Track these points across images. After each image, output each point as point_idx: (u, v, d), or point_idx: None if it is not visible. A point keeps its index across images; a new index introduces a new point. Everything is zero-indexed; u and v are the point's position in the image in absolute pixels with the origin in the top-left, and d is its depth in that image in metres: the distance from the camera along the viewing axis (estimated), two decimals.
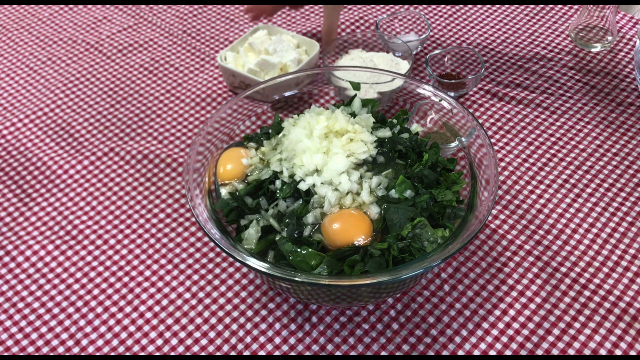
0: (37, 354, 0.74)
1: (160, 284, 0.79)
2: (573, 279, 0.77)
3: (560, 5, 1.14)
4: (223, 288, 0.79)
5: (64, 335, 0.75)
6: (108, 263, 0.81)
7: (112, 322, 0.76)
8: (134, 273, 0.80)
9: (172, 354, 0.73)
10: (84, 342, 0.75)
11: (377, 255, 0.67)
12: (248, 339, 0.74)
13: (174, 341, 0.74)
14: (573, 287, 0.77)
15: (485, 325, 0.74)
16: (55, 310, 0.77)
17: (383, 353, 0.72)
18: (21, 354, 0.74)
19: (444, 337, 0.73)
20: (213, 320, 0.76)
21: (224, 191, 0.75)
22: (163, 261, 0.81)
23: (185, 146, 0.94)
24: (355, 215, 0.69)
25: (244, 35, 1.04)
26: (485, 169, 0.73)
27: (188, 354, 0.73)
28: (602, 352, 0.71)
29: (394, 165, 0.72)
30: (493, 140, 0.93)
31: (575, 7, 1.13)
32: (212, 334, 0.75)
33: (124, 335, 0.75)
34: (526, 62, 1.04)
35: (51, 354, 0.74)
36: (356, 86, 0.82)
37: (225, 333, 0.75)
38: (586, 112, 0.95)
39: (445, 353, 0.72)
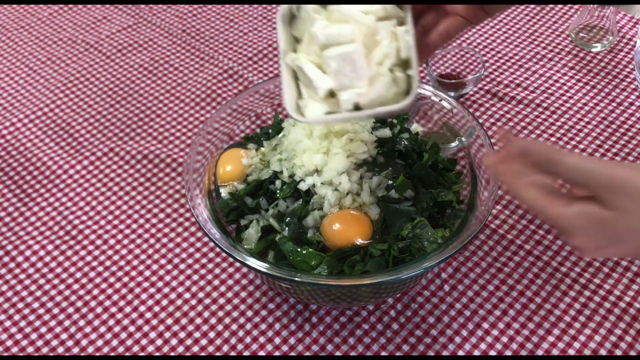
0: (36, 354, 0.74)
1: (160, 284, 0.79)
2: (573, 279, 0.77)
3: (560, 6, 1.14)
4: (223, 288, 0.78)
5: (64, 336, 0.75)
6: (108, 263, 0.81)
7: (111, 322, 0.76)
8: (133, 273, 0.80)
9: (172, 354, 0.73)
10: (84, 342, 0.75)
11: (377, 256, 0.67)
12: (248, 339, 0.74)
13: (174, 341, 0.74)
14: (573, 287, 0.77)
15: (485, 325, 0.74)
16: (55, 311, 0.77)
17: (383, 353, 0.72)
18: (21, 354, 0.74)
19: (444, 337, 0.73)
20: (213, 321, 0.76)
21: (224, 191, 0.75)
22: (163, 261, 0.81)
23: (185, 146, 0.94)
24: (355, 216, 0.69)
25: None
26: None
27: (188, 354, 0.73)
28: (602, 352, 0.71)
29: (394, 165, 0.72)
30: (493, 140, 0.92)
31: (576, 7, 1.13)
32: (211, 334, 0.75)
33: (123, 335, 0.75)
34: (526, 62, 1.04)
35: (51, 354, 0.74)
36: None
37: (225, 333, 0.75)
38: (586, 112, 0.95)
39: (445, 353, 0.72)
